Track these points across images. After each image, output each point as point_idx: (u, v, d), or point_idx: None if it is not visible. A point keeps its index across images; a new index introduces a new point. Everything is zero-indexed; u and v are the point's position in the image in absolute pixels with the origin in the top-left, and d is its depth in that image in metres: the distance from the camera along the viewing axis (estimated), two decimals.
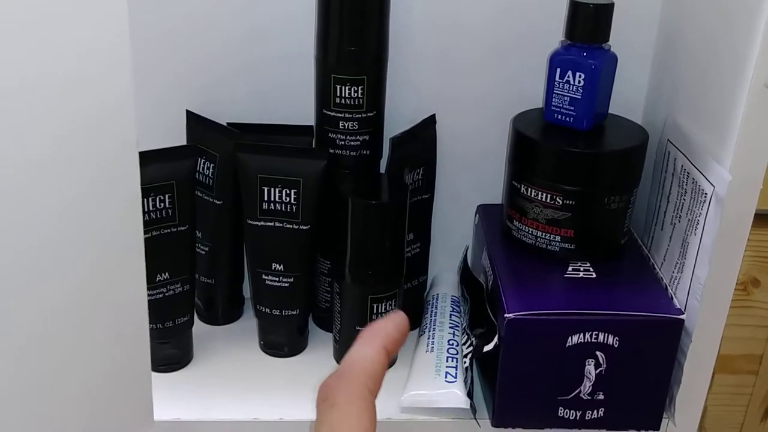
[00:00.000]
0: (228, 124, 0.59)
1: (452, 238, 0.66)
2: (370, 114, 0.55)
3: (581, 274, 0.54)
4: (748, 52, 0.45)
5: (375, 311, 0.55)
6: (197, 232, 0.58)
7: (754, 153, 0.47)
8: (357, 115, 0.55)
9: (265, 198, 0.55)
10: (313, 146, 0.58)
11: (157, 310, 0.54)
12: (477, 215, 0.64)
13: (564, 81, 0.53)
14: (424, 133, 0.59)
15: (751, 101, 0.45)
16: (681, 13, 0.55)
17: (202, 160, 0.57)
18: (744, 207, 0.48)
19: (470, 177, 0.64)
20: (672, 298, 0.52)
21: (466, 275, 0.61)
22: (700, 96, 0.52)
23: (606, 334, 0.50)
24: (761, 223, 0.62)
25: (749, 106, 0.45)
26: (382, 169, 0.59)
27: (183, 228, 0.54)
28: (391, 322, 0.37)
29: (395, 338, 0.37)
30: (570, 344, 0.50)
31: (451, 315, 0.60)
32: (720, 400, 0.68)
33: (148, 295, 0.51)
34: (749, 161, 0.47)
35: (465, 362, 0.54)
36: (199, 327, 0.61)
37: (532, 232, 0.55)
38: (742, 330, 0.66)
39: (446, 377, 0.54)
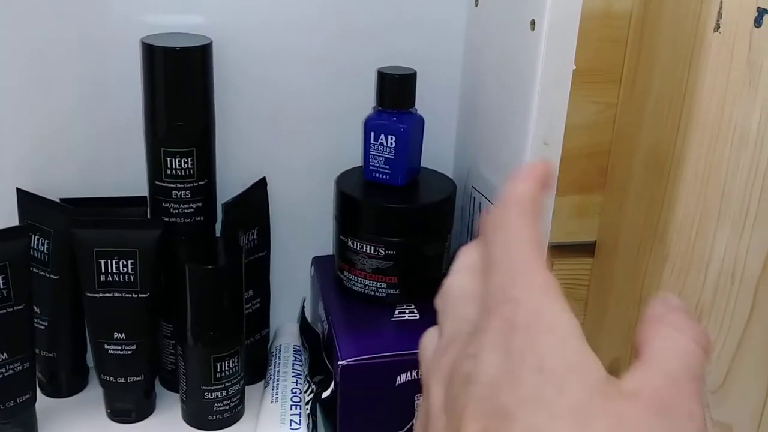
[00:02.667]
0: (61, 200, 0.60)
1: (292, 290, 0.70)
2: (201, 182, 0.58)
3: (407, 316, 0.59)
4: (529, 116, 0.52)
5: (219, 369, 0.58)
6: (35, 307, 0.59)
7: None
8: (188, 185, 0.58)
9: (102, 270, 0.56)
10: (148, 216, 0.60)
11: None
12: (312, 267, 0.68)
13: (378, 143, 0.59)
14: (256, 195, 0.63)
15: (534, 155, 0.53)
16: (476, 80, 0.63)
17: (36, 237, 0.58)
18: None
19: (303, 232, 0.68)
20: None
21: (303, 325, 0.65)
22: (495, 150, 0.59)
23: None
24: (565, 253, 0.71)
25: (533, 159, 0.53)
26: (219, 232, 0.62)
27: (19, 307, 0.54)
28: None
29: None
30: (400, 382, 0.55)
31: (293, 364, 0.64)
32: None
33: None
34: None
35: (307, 409, 0.58)
36: (43, 401, 0.61)
37: (360, 281, 0.60)
38: None
39: (291, 425, 0.58)
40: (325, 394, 0.55)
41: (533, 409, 0.24)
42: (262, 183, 0.63)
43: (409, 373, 0.55)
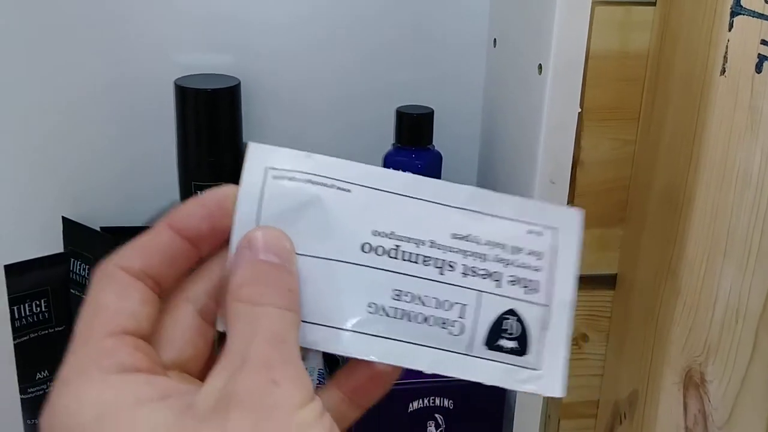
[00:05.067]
0: (101, 228, 0.64)
1: None
2: None
3: None
4: (536, 155, 0.54)
5: None
6: None
7: None
8: None
9: None
10: None
11: (40, 407, 0.59)
12: None
13: None
14: None
15: (541, 192, 0.55)
16: (494, 118, 0.65)
17: (78, 263, 0.62)
18: None
19: None
20: None
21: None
22: (507, 187, 0.61)
23: (442, 398, 0.58)
24: (587, 285, 0.72)
25: (540, 196, 0.55)
26: None
27: (60, 328, 0.59)
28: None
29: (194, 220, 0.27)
30: (412, 409, 0.57)
31: (317, 387, 0.67)
32: None
33: (30, 393, 0.56)
34: None
35: None
36: None
37: None
38: (579, 380, 0.75)
39: None
40: None
41: None
42: None
43: (421, 401, 0.57)
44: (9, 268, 0.47)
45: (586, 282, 0.72)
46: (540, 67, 0.53)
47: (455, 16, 0.65)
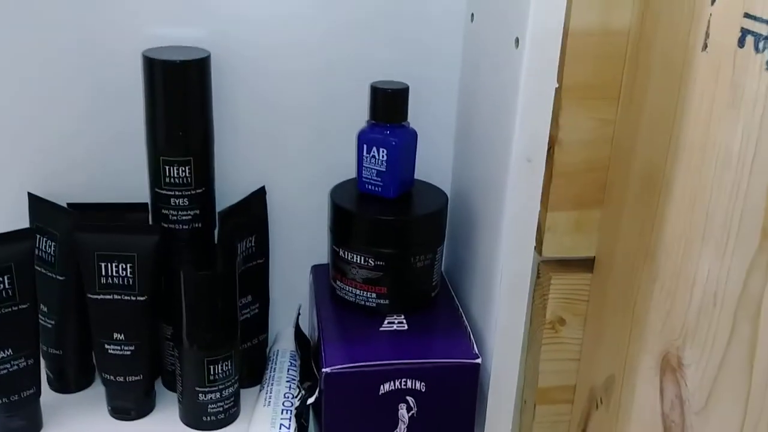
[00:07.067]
0: (68, 204, 0.63)
1: (293, 296, 0.71)
2: (199, 190, 0.60)
3: (395, 327, 0.60)
4: (512, 132, 0.53)
5: (212, 372, 0.60)
6: (43, 306, 0.62)
7: (522, 212, 0.54)
8: (186, 192, 0.60)
9: (103, 273, 0.59)
10: (150, 222, 0.62)
11: (1, 386, 0.57)
12: (311, 275, 0.70)
13: (370, 156, 0.60)
14: (254, 203, 0.65)
15: (518, 171, 0.53)
16: (471, 95, 0.63)
17: (44, 239, 0.61)
18: (521, 261, 0.56)
19: (303, 240, 0.70)
20: (472, 343, 0.59)
21: (297, 332, 0.67)
22: (483, 165, 0.59)
23: (414, 381, 0.56)
24: (564, 268, 0.71)
25: (515, 175, 0.53)
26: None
27: (24, 306, 0.57)
28: None
29: None
30: (383, 392, 0.56)
31: (288, 369, 0.66)
32: (542, 428, 0.76)
33: None
34: (520, 221, 0.55)
35: (294, 412, 0.60)
36: (50, 396, 0.64)
37: (351, 290, 0.61)
38: (556, 364, 0.74)
39: (280, 429, 0.59)
40: (310, 400, 0.57)
41: None
42: (260, 192, 0.65)
43: (392, 383, 0.56)
44: None
45: (563, 265, 0.71)
46: (517, 40, 0.51)
47: None
